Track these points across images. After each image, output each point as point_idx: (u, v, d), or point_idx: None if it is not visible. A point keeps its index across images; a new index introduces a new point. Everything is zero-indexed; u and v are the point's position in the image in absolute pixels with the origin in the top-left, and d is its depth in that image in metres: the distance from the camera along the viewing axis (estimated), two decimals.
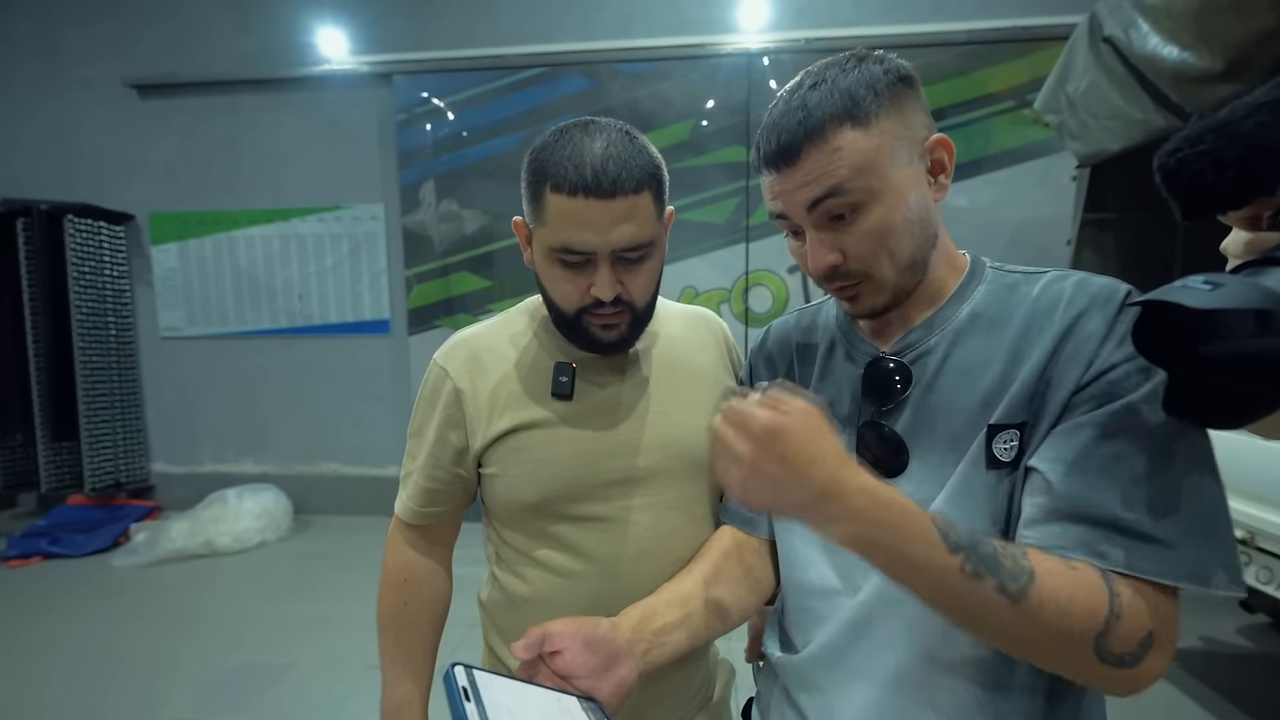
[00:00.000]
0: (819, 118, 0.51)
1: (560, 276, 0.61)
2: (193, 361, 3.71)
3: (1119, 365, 0.47)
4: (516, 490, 0.68)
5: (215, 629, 2.39)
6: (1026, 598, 0.42)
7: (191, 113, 3.51)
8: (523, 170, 0.63)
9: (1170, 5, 1.76)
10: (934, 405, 0.55)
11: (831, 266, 0.54)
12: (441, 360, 0.72)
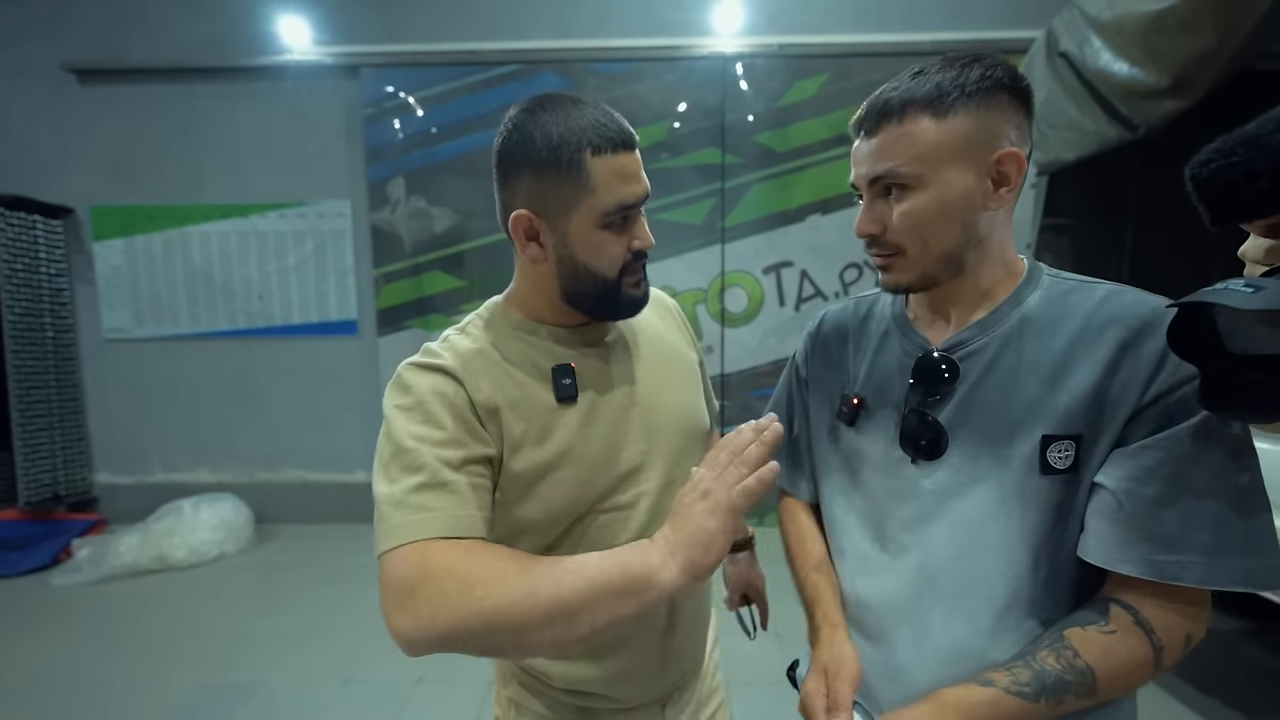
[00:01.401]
0: (904, 100, 0.56)
1: (610, 241, 0.62)
2: (141, 365, 3.49)
3: (1176, 390, 0.52)
4: (553, 501, 0.65)
5: (173, 647, 2.25)
6: (1097, 689, 0.52)
7: (138, 100, 3.30)
8: (528, 159, 0.59)
9: (1121, 24, 1.87)
10: (977, 402, 0.59)
11: (871, 235, 0.60)
12: (434, 360, 0.63)
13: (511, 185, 0.62)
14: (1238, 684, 1.98)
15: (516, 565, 0.52)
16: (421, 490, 0.56)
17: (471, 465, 0.60)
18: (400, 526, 0.54)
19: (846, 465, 0.70)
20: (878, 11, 3.12)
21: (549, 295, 0.67)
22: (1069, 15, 2.13)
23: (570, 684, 0.71)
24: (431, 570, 0.52)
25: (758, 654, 2.17)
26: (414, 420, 0.59)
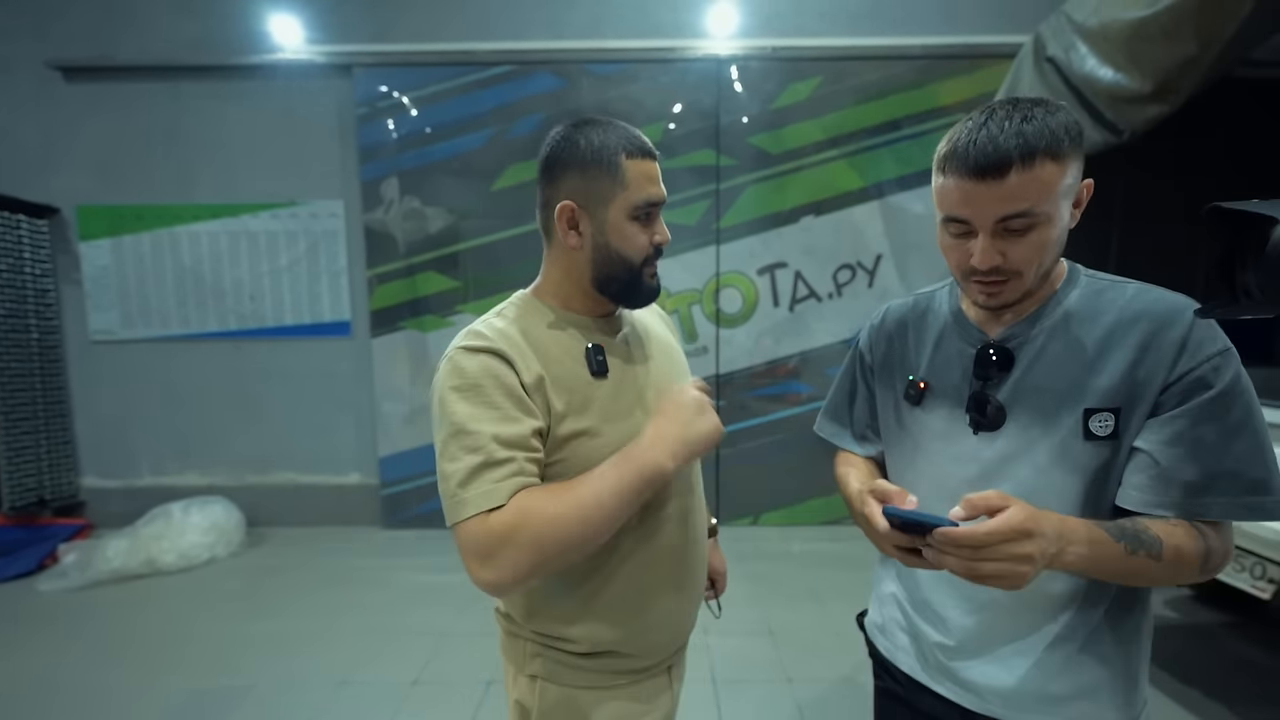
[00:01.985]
0: (1032, 147, 0.61)
1: (637, 231, 0.73)
2: (129, 367, 3.45)
3: (1196, 369, 0.64)
4: (592, 464, 0.71)
5: (163, 653, 2.22)
6: (1163, 556, 0.62)
7: (126, 99, 3.26)
8: (574, 159, 0.72)
9: (1106, 30, 1.91)
10: (1029, 384, 0.72)
11: (995, 266, 0.66)
12: (482, 344, 0.70)
13: (557, 183, 0.73)
14: (1220, 676, 2.03)
15: (560, 506, 0.65)
16: (483, 469, 0.65)
17: (524, 439, 0.68)
18: (468, 501, 0.64)
19: (912, 439, 0.82)
20: (870, 15, 3.16)
21: (580, 283, 0.77)
22: (1056, 21, 2.17)
23: (595, 646, 0.77)
24: (500, 533, 0.63)
25: (750, 653, 2.20)
26: (470, 402, 0.67)
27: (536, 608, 0.77)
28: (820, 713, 1.87)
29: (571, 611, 0.76)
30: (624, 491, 0.66)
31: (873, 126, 3.19)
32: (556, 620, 0.77)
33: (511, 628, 0.81)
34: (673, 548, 0.81)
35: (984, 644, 0.75)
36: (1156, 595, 2.56)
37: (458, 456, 0.65)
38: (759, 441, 3.37)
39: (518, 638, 0.80)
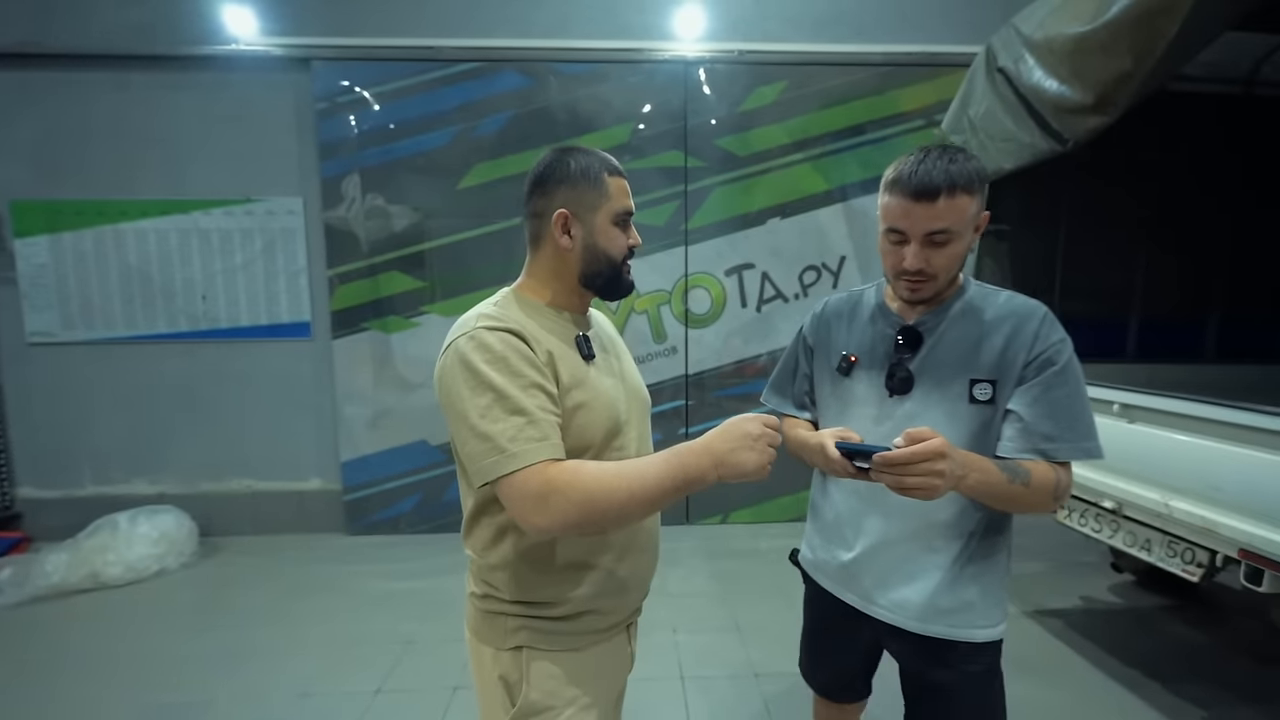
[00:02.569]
0: (955, 182, 0.86)
1: (617, 235, 0.87)
2: (69, 371, 3.26)
3: (1045, 351, 0.91)
4: (586, 433, 0.82)
5: (109, 670, 2.12)
6: (1031, 484, 0.86)
7: (66, 88, 3.09)
8: (566, 177, 0.84)
9: (1050, 43, 2.00)
10: (931, 360, 0.97)
11: (920, 269, 0.91)
12: (508, 326, 0.79)
13: (550, 196, 0.85)
14: (1159, 657, 2.15)
15: (612, 477, 0.74)
16: (528, 426, 0.74)
17: (550, 405, 0.78)
18: (520, 454, 0.73)
19: (841, 401, 1.06)
20: (833, 22, 3.23)
21: (568, 280, 0.88)
22: (1006, 33, 2.26)
23: (577, 607, 0.86)
24: (556, 485, 0.72)
25: (718, 650, 2.22)
26: (503, 372, 0.76)
27: (526, 575, 0.84)
28: (787, 706, 1.90)
29: (560, 577, 0.85)
30: (666, 485, 0.74)
31: (837, 131, 3.26)
32: (547, 585, 0.85)
33: (490, 606, 0.87)
34: None
35: (890, 561, 1.00)
36: (1101, 582, 2.71)
37: (500, 418, 0.74)
38: None
39: (497, 615, 0.86)
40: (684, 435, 3.42)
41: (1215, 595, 2.57)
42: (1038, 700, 1.91)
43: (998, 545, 0.97)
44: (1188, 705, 1.89)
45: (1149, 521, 1.71)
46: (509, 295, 0.88)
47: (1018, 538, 3.07)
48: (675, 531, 3.33)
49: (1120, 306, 2.69)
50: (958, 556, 0.96)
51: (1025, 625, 2.38)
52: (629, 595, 0.92)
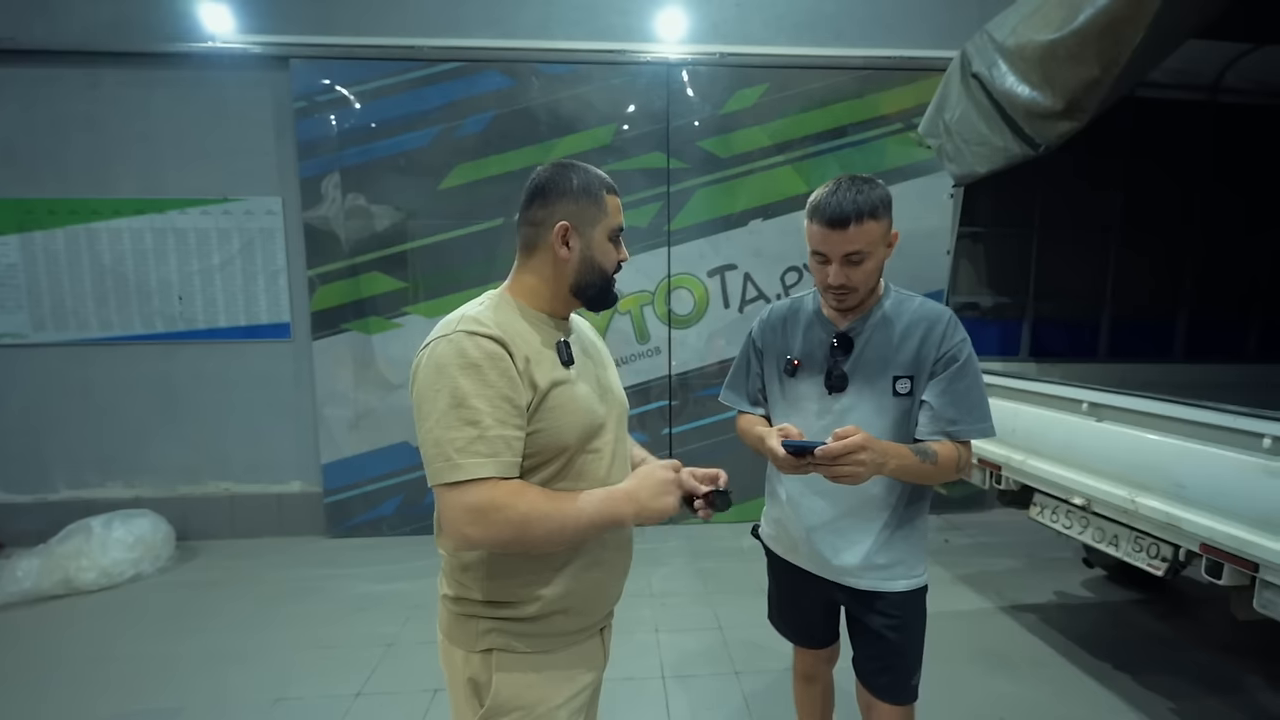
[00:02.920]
0: (861, 211, 1.02)
1: (611, 250, 0.92)
2: (41, 373, 3.20)
3: (951, 349, 1.10)
4: (561, 434, 0.85)
5: (78, 678, 2.08)
6: (938, 463, 1.06)
7: (37, 85, 3.03)
8: (568, 191, 0.88)
9: (1022, 50, 2.04)
10: (862, 360, 1.14)
11: (842, 284, 1.07)
12: (486, 330, 0.80)
13: (551, 207, 0.88)
14: (1128, 649, 2.20)
15: (550, 506, 0.78)
16: (479, 440, 0.76)
17: (513, 419, 0.79)
18: (464, 467, 0.75)
19: (788, 400, 1.22)
20: (812, 25, 3.26)
21: (558, 289, 0.91)
22: (980, 39, 2.29)
23: (547, 608, 0.87)
24: (498, 503, 0.75)
25: (699, 648, 2.24)
26: (473, 379, 0.77)
27: (498, 573, 0.86)
28: (766, 702, 1.92)
29: (532, 576, 0.86)
30: (596, 522, 0.81)
31: (818, 133, 3.30)
32: (518, 584, 0.86)
33: (461, 609, 0.88)
34: None
35: (833, 533, 1.18)
36: (1074, 578, 2.76)
37: (456, 426, 0.76)
38: (711, 440, 3.43)
39: (469, 618, 0.87)
40: (668, 435, 3.43)
41: (1184, 589, 2.63)
42: (1012, 694, 1.95)
43: (919, 511, 1.19)
44: (1156, 696, 1.93)
45: (1116, 518, 1.75)
46: (497, 297, 0.90)
47: (993, 537, 3.11)
48: (659, 532, 3.34)
49: (1092, 307, 2.75)
50: (886, 523, 1.16)
51: (1001, 620, 2.42)
52: (601, 597, 0.94)
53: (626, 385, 3.37)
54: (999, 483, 2.22)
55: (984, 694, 1.95)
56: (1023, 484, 2.13)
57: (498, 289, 0.92)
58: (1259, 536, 1.35)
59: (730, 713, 1.88)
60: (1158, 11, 1.53)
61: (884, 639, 1.18)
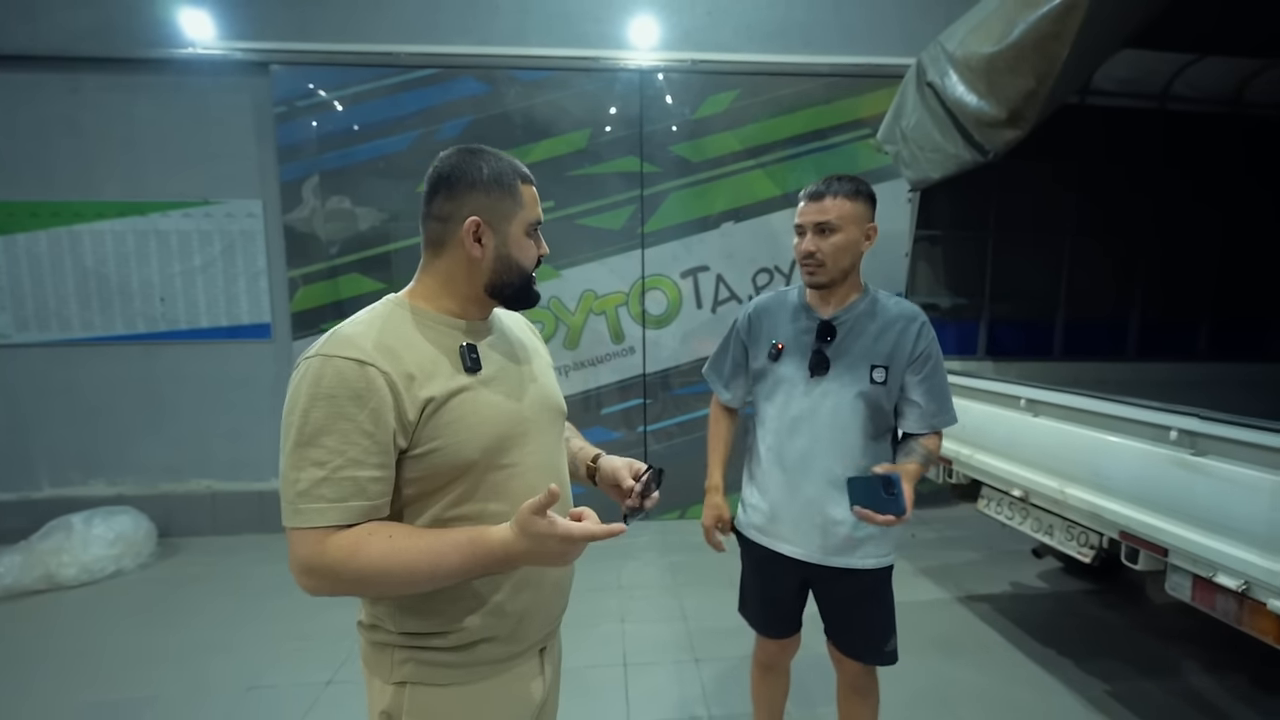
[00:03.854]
0: (837, 191, 1.19)
1: (529, 245, 0.84)
2: (23, 372, 3.25)
3: (925, 348, 1.23)
4: (461, 451, 0.75)
5: (55, 670, 2.14)
6: (930, 458, 1.24)
7: (18, 90, 3.07)
8: (479, 182, 0.79)
9: (968, 61, 2.13)
10: (843, 349, 1.25)
11: (811, 252, 1.20)
12: (350, 353, 0.70)
13: (459, 200, 0.79)
14: (1074, 636, 2.29)
15: (399, 562, 0.68)
16: (324, 484, 0.68)
17: (372, 457, 0.70)
18: (305, 512, 0.68)
19: (773, 382, 1.31)
20: (781, 34, 3.34)
21: (470, 289, 0.82)
22: (934, 50, 2.38)
23: (469, 637, 0.79)
24: (327, 560, 0.67)
25: (662, 637, 2.31)
26: (325, 412, 0.68)
27: (408, 607, 0.77)
28: (723, 686, 2.00)
29: (450, 606, 0.77)
30: (456, 574, 0.70)
31: (787, 138, 3.38)
32: (434, 617, 0.77)
33: (376, 637, 0.80)
34: None
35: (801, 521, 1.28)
36: (1030, 570, 2.85)
37: (302, 466, 0.68)
38: (685, 438, 3.51)
39: (384, 646, 0.79)
40: (643, 432, 3.51)
41: (1135, 580, 2.72)
42: (957, 678, 2.03)
43: None
44: (1093, 679, 2.02)
45: (1050, 508, 1.84)
46: (388, 305, 0.81)
47: (957, 531, 3.19)
48: (633, 527, 3.40)
49: (1047, 307, 2.84)
50: (843, 515, 1.22)
51: (954, 609, 2.51)
52: (537, 618, 0.85)
53: (602, 384, 3.45)
54: (950, 476, 2.31)
55: (930, 678, 2.03)
56: (972, 478, 2.22)
57: (397, 294, 0.83)
58: (1168, 523, 1.44)
59: (687, 698, 1.96)
60: (1080, 29, 1.62)
61: (857, 609, 1.31)
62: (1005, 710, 1.88)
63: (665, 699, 1.96)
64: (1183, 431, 1.41)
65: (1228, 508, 1.29)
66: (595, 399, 3.47)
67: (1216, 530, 1.32)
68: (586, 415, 3.46)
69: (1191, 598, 1.39)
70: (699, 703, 1.93)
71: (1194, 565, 1.37)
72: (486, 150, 0.81)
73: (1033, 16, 1.73)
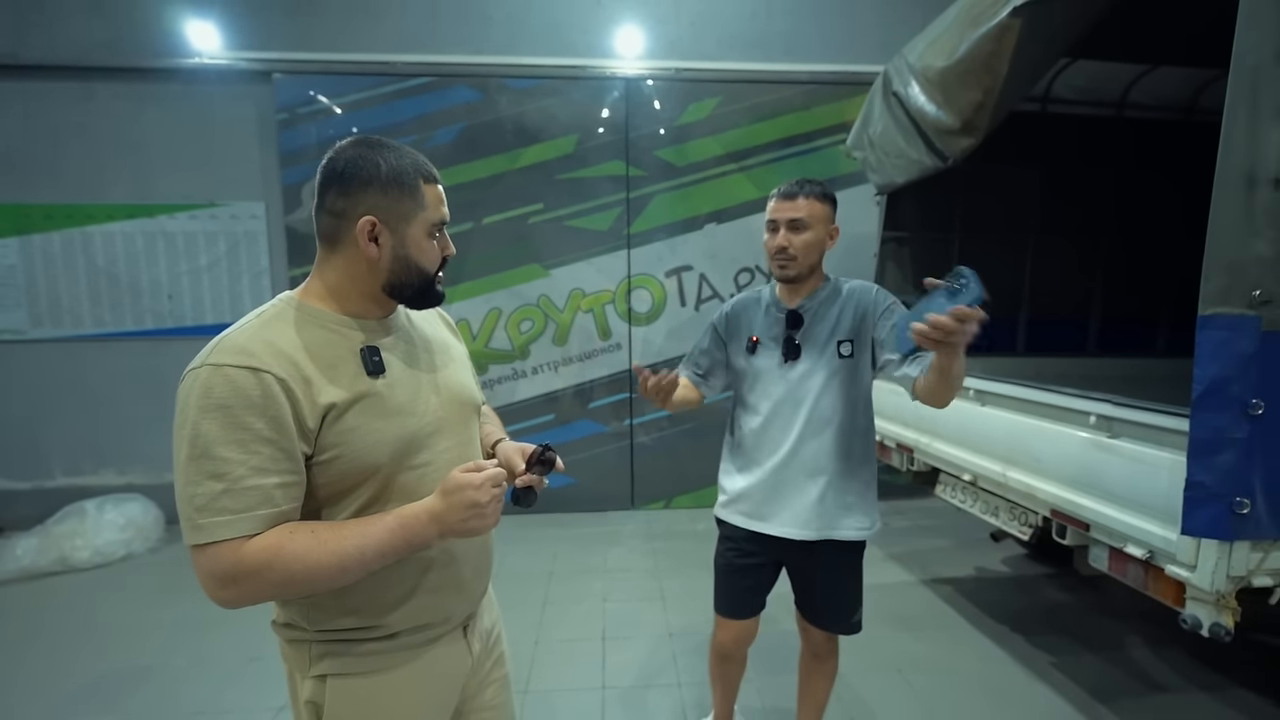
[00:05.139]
0: (808, 192, 1.31)
1: (431, 247, 0.80)
2: (38, 367, 3.41)
3: (886, 304, 1.32)
4: (366, 457, 0.73)
5: (73, 642, 2.29)
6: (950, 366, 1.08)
7: (33, 98, 3.23)
8: (374, 179, 0.74)
9: (926, 72, 2.27)
10: (810, 333, 1.36)
11: (782, 247, 1.31)
12: (241, 361, 0.67)
13: (353, 197, 0.74)
14: (1028, 615, 2.42)
15: (317, 556, 0.66)
16: (225, 495, 0.64)
17: (277, 464, 0.67)
18: (209, 527, 0.64)
19: (752, 373, 1.41)
20: (761, 43, 3.48)
21: (368, 289, 0.79)
22: (898, 61, 2.52)
23: (387, 630, 0.79)
24: (248, 567, 0.64)
25: (640, 615, 2.46)
26: (218, 423, 0.64)
27: (321, 605, 0.76)
28: (693, 659, 2.14)
29: (361, 602, 0.76)
30: (387, 553, 0.70)
31: (767, 143, 3.52)
32: (346, 615, 0.76)
33: (292, 634, 0.79)
34: None
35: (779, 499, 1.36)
36: (995, 555, 2.98)
37: (198, 481, 0.64)
38: (670, 431, 3.65)
39: (301, 643, 0.78)
40: (630, 425, 3.65)
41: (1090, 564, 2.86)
42: (912, 650, 2.17)
43: (857, 475, 1.37)
44: (1040, 653, 2.16)
45: (996, 491, 1.97)
46: (282, 305, 0.77)
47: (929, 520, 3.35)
48: (619, 516, 3.56)
49: (1011, 306, 2.98)
50: (825, 487, 1.34)
51: (918, 591, 2.65)
52: (447, 609, 0.84)
53: (590, 379, 3.59)
54: (912, 464, 2.45)
55: (887, 650, 2.17)
56: (931, 465, 2.35)
57: (291, 293, 0.79)
58: (1089, 501, 1.57)
59: (658, 667, 2.10)
60: (1015, 48, 1.76)
61: (831, 582, 1.40)
62: (952, 678, 2.02)
63: (639, 669, 2.10)
64: (1100, 416, 1.54)
65: (1136, 484, 1.43)
66: (584, 394, 3.61)
67: (1127, 505, 1.45)
68: (575, 409, 3.60)
69: (1108, 568, 1.52)
70: (670, 671, 2.08)
71: (1110, 538, 1.50)
72: (388, 144, 0.77)
73: (975, 35, 1.87)
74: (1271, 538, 1.18)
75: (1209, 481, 1.16)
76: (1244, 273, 1.14)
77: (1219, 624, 1.21)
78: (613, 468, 3.63)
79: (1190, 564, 1.24)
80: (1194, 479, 1.18)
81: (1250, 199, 1.15)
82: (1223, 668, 2.06)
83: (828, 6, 3.52)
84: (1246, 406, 1.13)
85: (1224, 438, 1.14)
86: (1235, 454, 1.14)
